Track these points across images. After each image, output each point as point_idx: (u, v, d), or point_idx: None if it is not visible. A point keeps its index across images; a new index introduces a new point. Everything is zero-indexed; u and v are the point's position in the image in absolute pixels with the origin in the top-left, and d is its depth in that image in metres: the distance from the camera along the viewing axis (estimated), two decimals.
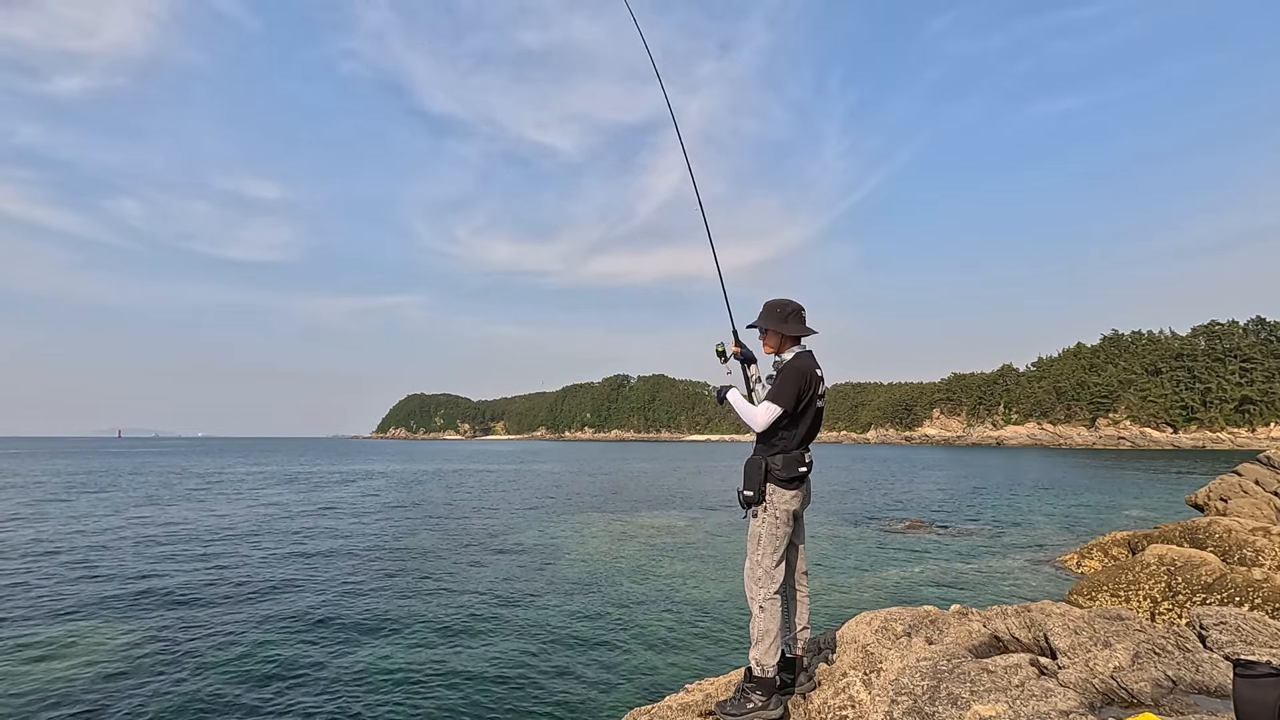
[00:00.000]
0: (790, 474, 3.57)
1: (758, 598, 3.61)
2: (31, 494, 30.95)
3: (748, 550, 3.72)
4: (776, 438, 3.61)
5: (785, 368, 3.64)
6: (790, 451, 3.59)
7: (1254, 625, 3.83)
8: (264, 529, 19.88)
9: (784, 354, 3.73)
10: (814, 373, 3.63)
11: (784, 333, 3.71)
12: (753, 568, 3.65)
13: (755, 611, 3.64)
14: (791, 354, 3.70)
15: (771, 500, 3.59)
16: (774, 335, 3.75)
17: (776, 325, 3.71)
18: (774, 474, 3.57)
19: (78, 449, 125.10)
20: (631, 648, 9.05)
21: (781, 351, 3.75)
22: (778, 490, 3.59)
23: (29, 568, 13.95)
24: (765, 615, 3.60)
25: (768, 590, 3.60)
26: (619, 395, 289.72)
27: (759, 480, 3.59)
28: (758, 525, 3.63)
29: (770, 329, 3.73)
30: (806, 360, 3.66)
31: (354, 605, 11.18)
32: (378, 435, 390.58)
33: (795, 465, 3.58)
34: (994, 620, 4.48)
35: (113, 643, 9.16)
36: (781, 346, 3.75)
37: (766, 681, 3.60)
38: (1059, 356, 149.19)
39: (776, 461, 3.57)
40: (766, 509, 3.60)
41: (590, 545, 17.34)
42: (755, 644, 3.63)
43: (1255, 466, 17.08)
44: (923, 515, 23.08)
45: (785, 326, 3.69)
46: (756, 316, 3.82)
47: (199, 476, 44.32)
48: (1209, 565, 9.77)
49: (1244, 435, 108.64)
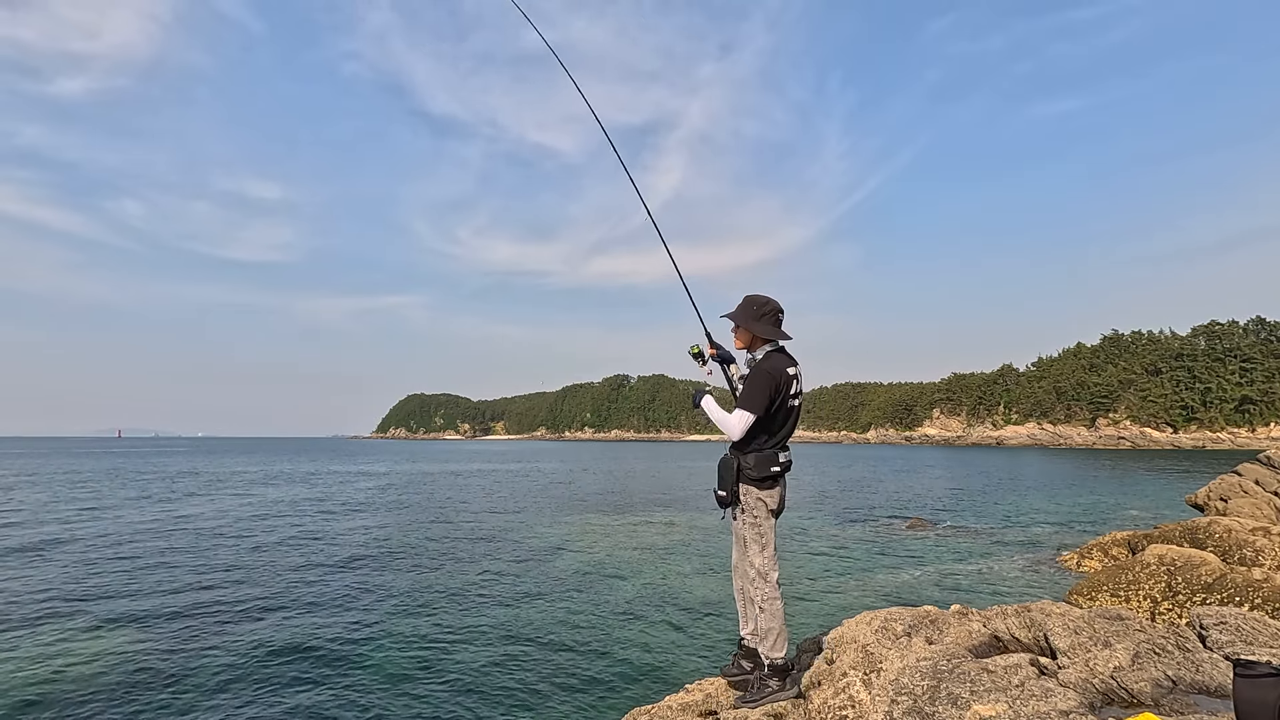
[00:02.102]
0: (762, 473, 3.54)
1: (756, 597, 3.64)
2: (31, 494, 30.95)
3: (735, 553, 3.75)
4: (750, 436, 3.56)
5: (755, 370, 3.57)
6: (763, 451, 3.55)
7: (1254, 625, 3.83)
8: (264, 529, 19.88)
9: (756, 352, 3.65)
10: (785, 373, 3.54)
11: (754, 332, 3.62)
12: (745, 569, 3.68)
13: (755, 612, 3.68)
14: (763, 353, 3.63)
15: (746, 501, 3.59)
16: (744, 332, 3.66)
17: (747, 322, 3.61)
18: (745, 473, 3.55)
19: (78, 449, 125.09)
20: (631, 648, 9.05)
21: (753, 349, 3.67)
22: (751, 489, 3.58)
23: (29, 567, 13.94)
24: (766, 614, 3.63)
25: (764, 589, 3.62)
26: (619, 395, 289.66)
27: (732, 480, 3.58)
28: (740, 527, 3.65)
29: (742, 325, 3.65)
30: (777, 361, 3.57)
31: (354, 605, 11.18)
32: (378, 435, 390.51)
33: (768, 464, 3.54)
34: (994, 620, 4.48)
35: (113, 642, 9.16)
36: (753, 344, 3.67)
37: (779, 667, 3.72)
38: (1059, 356, 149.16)
39: (749, 460, 3.54)
40: (744, 509, 3.60)
41: (590, 545, 17.34)
42: (761, 641, 3.70)
43: (1255, 466, 17.07)
44: (923, 515, 23.08)
45: (756, 326, 3.60)
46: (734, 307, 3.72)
47: (199, 476, 44.32)
48: (1209, 565, 9.78)
49: (1244, 435, 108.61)
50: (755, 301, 3.64)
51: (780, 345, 3.66)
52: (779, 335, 3.63)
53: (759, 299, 3.65)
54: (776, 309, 3.64)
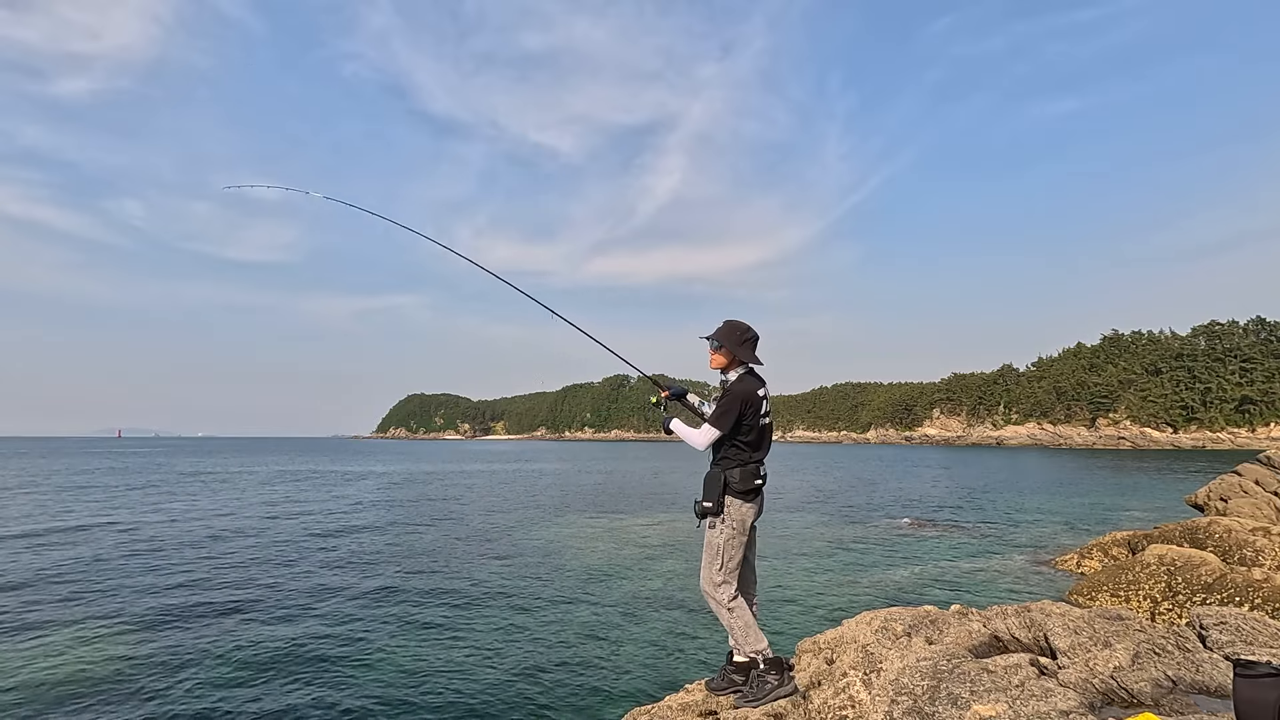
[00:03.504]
0: (747, 486, 3.76)
1: (723, 600, 3.82)
2: (31, 494, 30.95)
3: (704, 560, 3.89)
4: (734, 453, 3.80)
5: (728, 392, 3.79)
6: (747, 465, 3.78)
7: (1254, 625, 3.83)
8: (264, 529, 19.88)
9: (729, 374, 3.88)
10: (755, 394, 3.79)
11: (735, 354, 3.86)
12: (712, 575, 3.84)
13: (724, 615, 3.85)
14: (735, 375, 3.85)
15: (729, 512, 3.78)
16: (726, 353, 3.89)
17: (732, 346, 3.86)
18: (732, 487, 3.76)
19: (78, 449, 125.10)
20: (631, 648, 9.05)
21: (728, 370, 3.89)
22: (734, 502, 3.78)
23: (29, 568, 13.95)
24: (734, 613, 3.82)
25: (728, 592, 3.82)
26: (619, 395, 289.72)
27: (718, 493, 3.77)
28: (715, 536, 3.81)
29: (725, 346, 3.88)
30: (748, 384, 3.80)
31: (354, 604, 11.18)
32: (378, 435, 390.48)
33: (752, 478, 3.78)
34: (994, 620, 4.48)
35: (113, 641, 9.16)
36: (729, 366, 3.89)
37: (773, 660, 3.83)
38: (1059, 356, 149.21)
39: (735, 475, 3.76)
40: (725, 520, 3.78)
41: (590, 545, 17.34)
42: (741, 640, 3.84)
43: (1255, 466, 17.07)
44: (923, 515, 23.09)
45: (740, 350, 3.85)
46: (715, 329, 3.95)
47: (200, 476, 44.33)
48: (1209, 565, 9.78)
49: (1244, 435, 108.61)
50: (738, 328, 3.89)
51: (751, 368, 3.89)
52: (753, 360, 3.88)
53: (741, 325, 3.90)
54: (755, 336, 3.92)
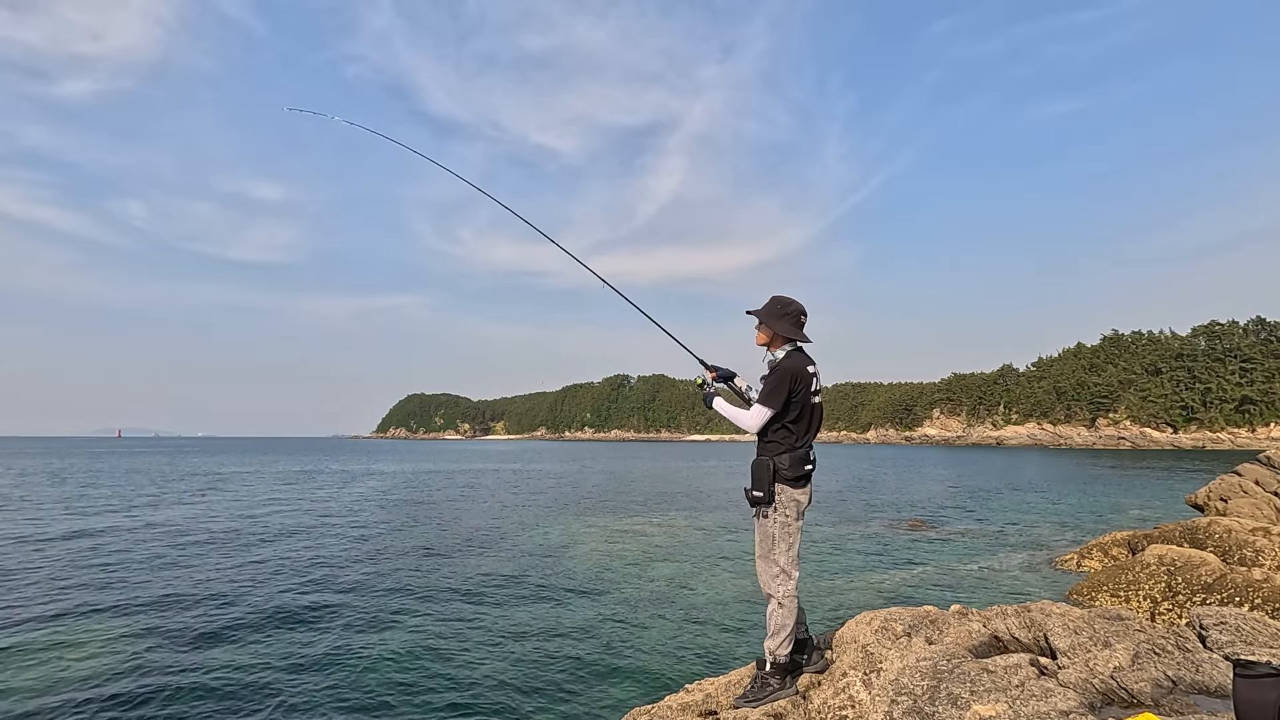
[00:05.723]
0: (797, 472, 3.64)
1: (777, 594, 3.70)
2: (32, 494, 30.95)
3: (759, 550, 3.77)
4: (781, 437, 3.66)
5: (777, 369, 3.68)
6: (795, 450, 3.65)
7: (1254, 625, 3.82)
8: (264, 528, 19.87)
9: (777, 351, 3.76)
10: (805, 371, 3.66)
11: (776, 330, 3.74)
12: (769, 566, 3.73)
13: (774, 607, 3.73)
14: (783, 352, 3.73)
15: (780, 500, 3.66)
16: (766, 329, 3.79)
17: (771, 321, 3.75)
18: (781, 473, 3.63)
19: (78, 449, 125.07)
20: (632, 648, 9.05)
21: (774, 348, 3.78)
22: (786, 489, 3.65)
23: (29, 568, 13.94)
24: (784, 611, 3.71)
25: (787, 587, 3.70)
26: (619, 395, 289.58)
27: (768, 480, 3.64)
28: (769, 525, 3.69)
29: (764, 322, 3.78)
30: (797, 360, 3.69)
31: (354, 605, 11.17)
32: (378, 435, 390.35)
33: (801, 463, 3.65)
34: (994, 620, 4.48)
35: (113, 641, 9.15)
36: (774, 342, 3.78)
37: (781, 665, 3.78)
38: (1059, 356, 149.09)
39: (783, 460, 3.63)
40: (776, 508, 3.66)
41: (590, 545, 17.34)
42: (772, 636, 3.77)
43: (1255, 466, 17.06)
44: (923, 515, 23.08)
45: (778, 324, 3.73)
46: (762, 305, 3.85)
47: (200, 476, 44.32)
48: (1209, 565, 9.77)
49: (1244, 435, 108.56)
50: (780, 301, 3.78)
51: (799, 346, 3.76)
52: (799, 336, 3.74)
53: (784, 299, 3.79)
54: (800, 310, 3.77)
